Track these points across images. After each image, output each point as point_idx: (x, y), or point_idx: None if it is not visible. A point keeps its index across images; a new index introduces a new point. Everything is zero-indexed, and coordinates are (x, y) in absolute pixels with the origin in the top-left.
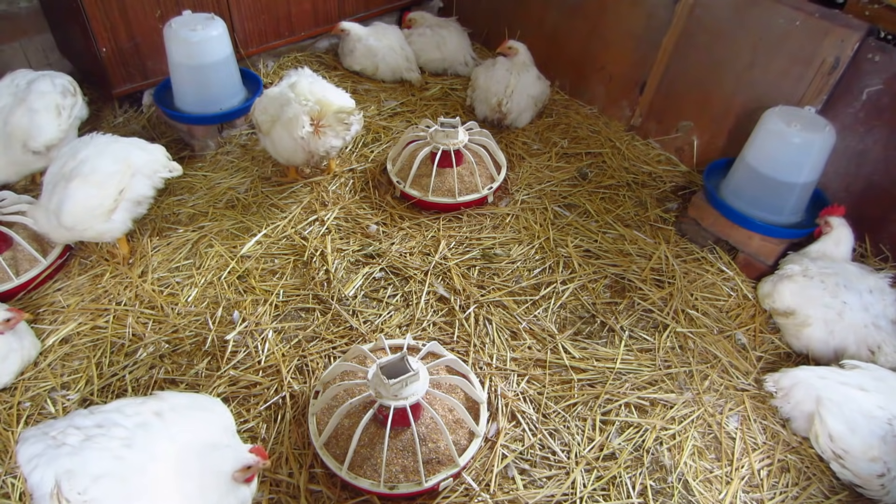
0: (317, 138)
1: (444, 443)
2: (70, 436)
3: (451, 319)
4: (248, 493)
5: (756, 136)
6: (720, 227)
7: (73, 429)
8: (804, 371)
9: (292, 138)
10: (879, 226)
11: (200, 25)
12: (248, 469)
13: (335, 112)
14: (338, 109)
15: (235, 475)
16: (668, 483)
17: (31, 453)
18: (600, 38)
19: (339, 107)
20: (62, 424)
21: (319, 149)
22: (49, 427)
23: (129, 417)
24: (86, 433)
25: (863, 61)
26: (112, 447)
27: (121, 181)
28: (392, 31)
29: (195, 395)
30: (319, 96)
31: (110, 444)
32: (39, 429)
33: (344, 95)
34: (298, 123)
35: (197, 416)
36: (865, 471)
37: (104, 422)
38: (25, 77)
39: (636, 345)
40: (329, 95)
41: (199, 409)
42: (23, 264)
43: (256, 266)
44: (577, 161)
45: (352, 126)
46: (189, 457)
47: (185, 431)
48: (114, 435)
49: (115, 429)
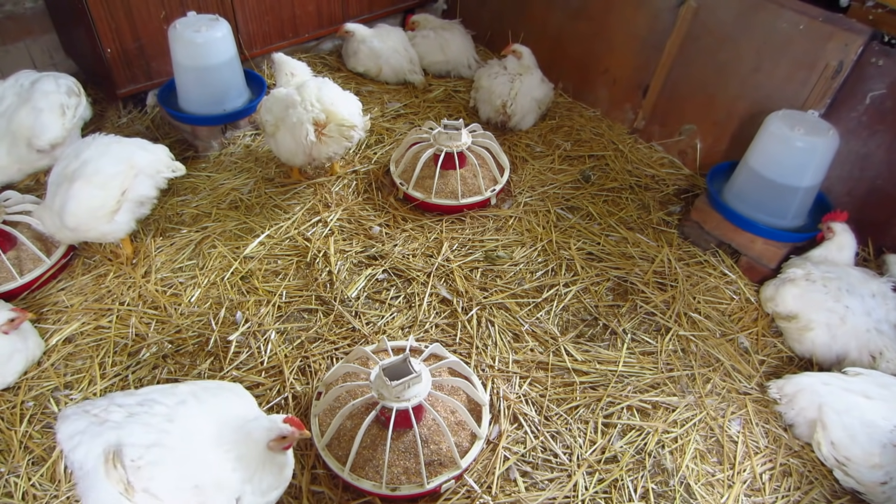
0: (319, 145)
1: (446, 445)
2: (113, 413)
3: (453, 321)
4: (285, 460)
5: (759, 140)
6: (723, 231)
7: (115, 406)
8: (808, 377)
9: (295, 141)
10: (882, 230)
11: (205, 27)
12: (284, 439)
13: (338, 125)
14: (341, 122)
15: (271, 444)
16: (670, 486)
17: (72, 430)
18: (604, 41)
19: (343, 119)
20: (103, 402)
21: (321, 155)
22: (90, 405)
23: (168, 396)
24: (129, 410)
25: (866, 65)
26: (155, 422)
27: (123, 182)
28: (396, 32)
29: (219, 381)
30: (327, 104)
31: (153, 420)
32: (80, 407)
33: (352, 105)
34: (302, 130)
35: (227, 396)
36: (868, 478)
37: (145, 401)
38: (30, 77)
39: (638, 348)
40: (337, 106)
41: (227, 391)
42: (27, 264)
43: (259, 267)
44: (580, 164)
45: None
46: (226, 429)
47: (220, 408)
48: (156, 412)
49: (156, 406)
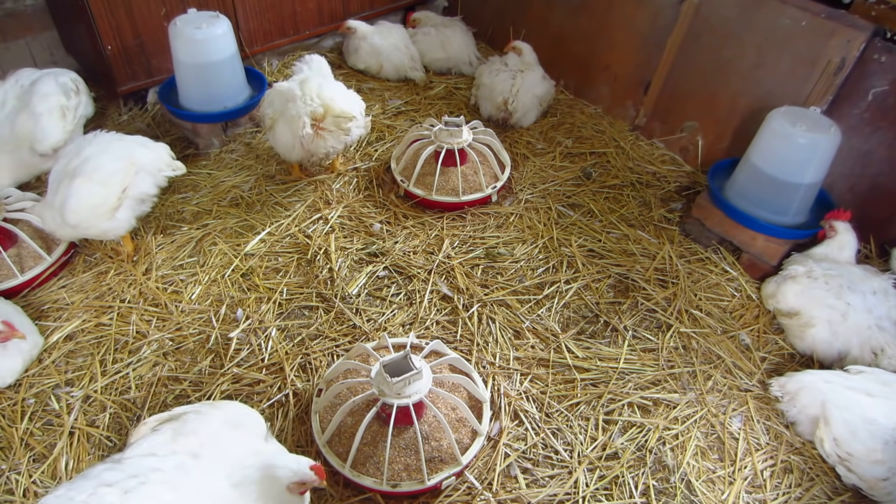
0: (316, 139)
1: (447, 441)
2: (104, 496)
3: (454, 318)
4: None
5: (761, 137)
6: (724, 228)
7: (104, 487)
8: (810, 375)
9: (292, 135)
10: (884, 227)
11: (205, 23)
12: (303, 484)
13: (335, 117)
14: (338, 114)
15: (290, 486)
16: (671, 483)
17: None
18: (605, 38)
19: (340, 111)
20: (88, 486)
21: (319, 150)
22: (73, 491)
23: (165, 459)
24: (122, 487)
25: (869, 62)
26: (158, 492)
27: (124, 179)
28: (397, 29)
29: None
30: (326, 99)
31: (155, 490)
32: (60, 497)
33: (352, 101)
34: (300, 123)
35: (234, 439)
36: (870, 474)
37: (138, 470)
38: (30, 77)
39: (639, 344)
40: (336, 100)
41: (233, 428)
42: (27, 261)
43: (260, 264)
44: (581, 161)
45: (352, 131)
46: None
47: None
48: (155, 480)
49: (153, 474)
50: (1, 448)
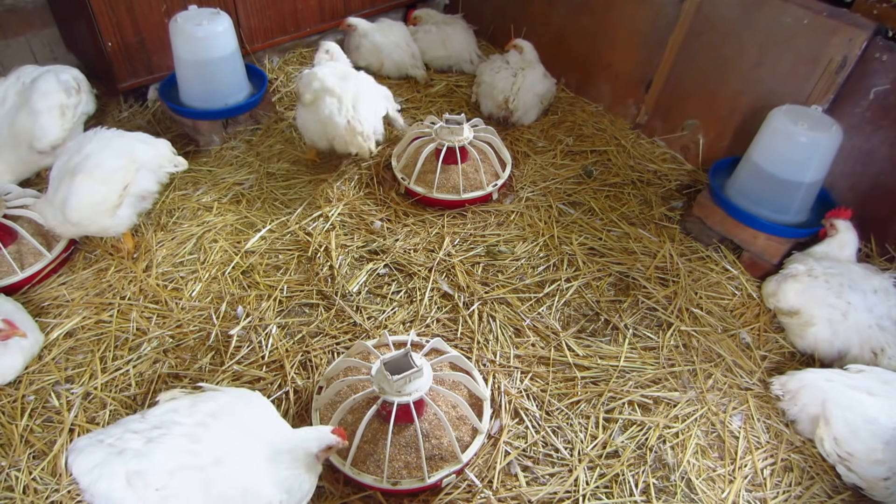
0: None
1: (447, 439)
2: (129, 441)
3: (454, 316)
4: (320, 467)
5: (762, 135)
6: (725, 226)
7: (130, 433)
8: (811, 374)
9: (322, 130)
10: (885, 226)
11: (206, 20)
12: (330, 449)
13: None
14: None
15: (319, 454)
16: (671, 481)
17: (90, 463)
18: (606, 36)
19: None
20: (116, 431)
21: (343, 150)
22: (103, 434)
23: (185, 417)
24: (146, 436)
25: (870, 60)
26: (179, 444)
27: (125, 176)
28: (398, 27)
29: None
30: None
31: (177, 442)
32: (92, 437)
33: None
34: (332, 126)
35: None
36: (871, 474)
37: (161, 423)
38: (31, 74)
39: (640, 343)
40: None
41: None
42: (28, 258)
43: (260, 261)
44: (582, 159)
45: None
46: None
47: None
48: (176, 433)
49: (175, 427)
50: (1, 445)
